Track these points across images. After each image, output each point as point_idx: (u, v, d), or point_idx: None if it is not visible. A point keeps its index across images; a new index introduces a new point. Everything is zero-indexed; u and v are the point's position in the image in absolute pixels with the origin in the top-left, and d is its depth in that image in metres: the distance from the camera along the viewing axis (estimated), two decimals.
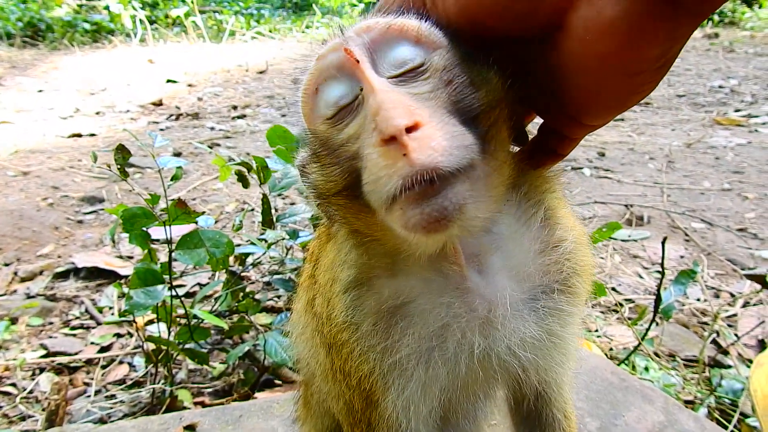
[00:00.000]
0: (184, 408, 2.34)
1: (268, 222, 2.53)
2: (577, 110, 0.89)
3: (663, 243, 2.38)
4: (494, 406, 1.36)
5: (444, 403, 1.04)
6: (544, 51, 0.84)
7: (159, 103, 7.81)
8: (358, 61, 0.81)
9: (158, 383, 2.43)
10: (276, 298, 3.14)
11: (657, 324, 2.72)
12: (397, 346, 0.97)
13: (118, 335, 2.93)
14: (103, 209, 4.40)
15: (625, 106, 0.86)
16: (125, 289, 2.19)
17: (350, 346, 1.00)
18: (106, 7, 12.62)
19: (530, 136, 1.04)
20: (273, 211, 2.55)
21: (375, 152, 0.76)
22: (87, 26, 12.18)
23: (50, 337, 2.92)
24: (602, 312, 3.13)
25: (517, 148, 1.02)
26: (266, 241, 2.46)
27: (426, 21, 0.87)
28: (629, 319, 2.90)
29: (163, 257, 2.57)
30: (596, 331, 2.93)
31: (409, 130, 0.72)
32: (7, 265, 3.59)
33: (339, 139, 0.85)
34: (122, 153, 2.11)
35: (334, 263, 1.04)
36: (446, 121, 0.76)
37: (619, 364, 2.45)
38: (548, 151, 0.99)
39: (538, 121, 1.04)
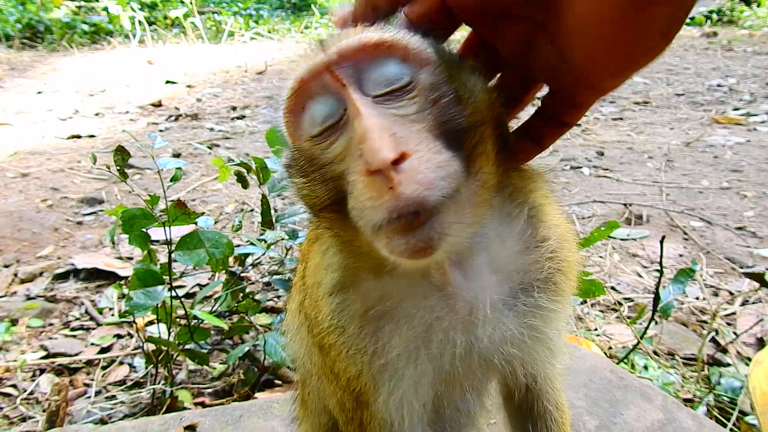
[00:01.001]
0: (185, 408, 2.35)
1: (267, 222, 2.54)
2: (588, 75, 0.85)
3: (661, 242, 2.38)
4: (489, 401, 1.37)
5: (434, 399, 1.05)
6: (548, 19, 0.82)
7: (158, 104, 7.81)
8: (342, 82, 0.80)
9: (158, 384, 2.43)
10: (276, 299, 3.15)
11: (656, 323, 2.73)
12: (386, 348, 0.98)
13: (119, 336, 2.94)
14: (102, 210, 4.40)
15: (636, 68, 0.82)
16: (125, 290, 2.20)
17: (338, 348, 1.01)
18: (105, 9, 12.63)
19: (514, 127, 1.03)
20: (272, 211, 2.56)
21: (360, 181, 0.76)
22: (86, 27, 12.18)
23: (50, 338, 2.92)
24: (601, 311, 3.14)
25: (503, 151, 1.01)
26: (266, 241, 2.47)
27: (414, 33, 0.86)
28: (628, 317, 2.90)
29: (162, 258, 2.58)
30: (595, 329, 2.93)
31: (395, 161, 0.72)
32: (7, 266, 3.60)
33: (325, 158, 0.84)
34: (122, 154, 2.11)
35: (319, 266, 1.05)
36: (432, 148, 0.76)
37: (618, 363, 2.45)
38: (555, 121, 0.97)
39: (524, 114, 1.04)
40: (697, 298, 3.21)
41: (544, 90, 0.99)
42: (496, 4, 0.83)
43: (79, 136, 6.40)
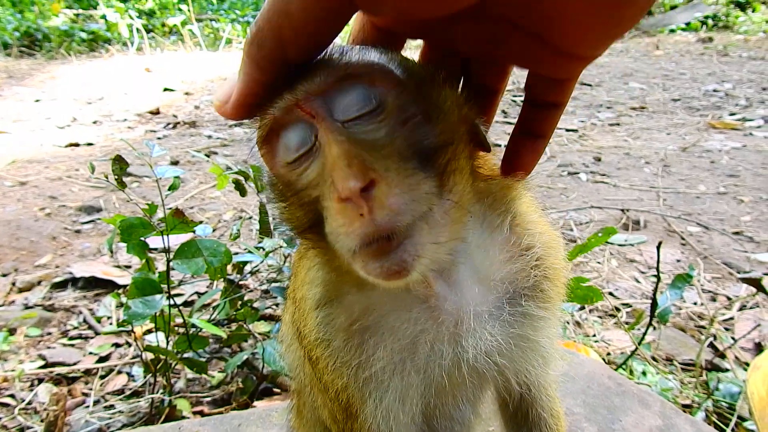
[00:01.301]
0: (183, 417, 2.34)
1: (265, 230, 2.54)
2: (572, 48, 0.83)
3: (658, 247, 2.39)
4: (485, 410, 1.37)
5: (425, 410, 1.06)
6: (517, 8, 0.80)
7: (156, 112, 7.82)
8: (312, 114, 0.81)
9: (157, 393, 2.43)
10: (274, 306, 3.15)
11: (654, 328, 2.73)
12: (371, 361, 0.99)
13: (117, 345, 2.93)
14: (100, 219, 4.40)
15: (622, 32, 0.80)
16: (123, 299, 2.20)
17: (324, 361, 1.02)
18: (103, 17, 12.66)
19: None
20: (270, 219, 2.56)
21: (333, 207, 0.77)
22: (84, 35, 12.20)
23: (48, 347, 2.92)
24: (599, 317, 3.14)
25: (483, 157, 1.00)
26: (264, 249, 2.47)
27: (381, 56, 0.85)
28: (626, 323, 2.91)
29: (161, 266, 2.57)
30: (593, 335, 2.94)
31: (365, 188, 0.72)
32: (5, 275, 3.59)
33: (300, 184, 0.85)
34: (119, 163, 2.12)
35: (305, 281, 1.06)
36: (403, 171, 0.77)
37: (616, 369, 2.45)
38: (547, 105, 0.95)
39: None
40: (695, 304, 3.22)
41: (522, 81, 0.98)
42: (437, 17, 0.78)
43: (77, 144, 6.40)
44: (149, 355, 2.41)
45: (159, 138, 6.74)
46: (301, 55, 0.78)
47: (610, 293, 3.33)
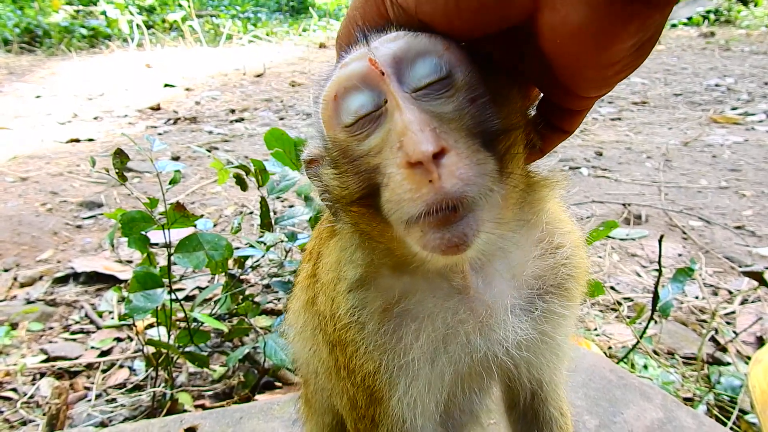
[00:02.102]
0: (185, 411, 2.35)
1: (266, 224, 2.54)
2: (570, 87, 0.86)
3: (660, 241, 2.39)
4: (491, 401, 1.37)
5: (445, 399, 1.06)
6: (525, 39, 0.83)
7: (157, 108, 7.82)
8: (383, 73, 0.80)
9: (158, 386, 2.43)
10: (275, 301, 3.15)
11: (655, 322, 2.73)
12: (406, 347, 0.98)
13: (118, 339, 2.94)
14: (101, 214, 4.40)
15: (612, 84, 0.84)
16: (125, 293, 2.20)
17: (355, 344, 1.01)
18: (103, 13, 12.66)
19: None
20: (271, 213, 2.56)
21: (399, 173, 0.76)
22: (84, 31, 12.20)
23: (50, 341, 2.92)
24: (601, 311, 3.14)
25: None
26: (265, 243, 2.47)
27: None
28: (628, 317, 2.91)
29: (162, 261, 2.58)
30: (595, 329, 2.93)
31: (436, 155, 0.72)
32: (6, 270, 3.60)
33: (359, 150, 0.84)
34: (120, 157, 2.11)
35: (339, 262, 1.04)
36: (470, 146, 0.77)
37: (618, 363, 2.45)
38: (553, 127, 0.96)
39: None
40: (697, 298, 3.21)
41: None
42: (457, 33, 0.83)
43: (77, 140, 6.40)
44: (151, 349, 2.42)
45: (160, 134, 6.74)
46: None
47: (612, 287, 3.33)
